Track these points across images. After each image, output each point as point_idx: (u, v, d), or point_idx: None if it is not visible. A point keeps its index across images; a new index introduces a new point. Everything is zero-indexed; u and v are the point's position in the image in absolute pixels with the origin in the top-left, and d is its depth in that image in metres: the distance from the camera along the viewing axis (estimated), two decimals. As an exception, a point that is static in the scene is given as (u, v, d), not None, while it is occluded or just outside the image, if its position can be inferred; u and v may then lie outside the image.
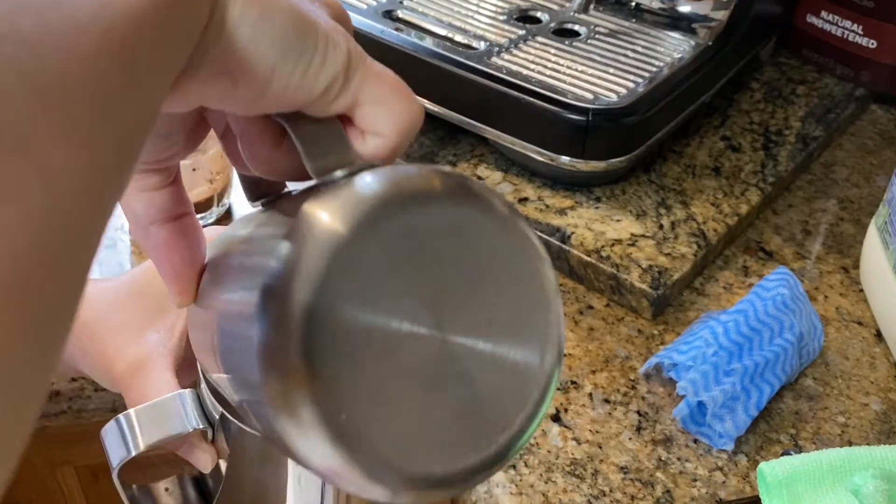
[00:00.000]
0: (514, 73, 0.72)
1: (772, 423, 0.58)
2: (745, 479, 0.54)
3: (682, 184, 0.75)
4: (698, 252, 0.68)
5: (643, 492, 0.53)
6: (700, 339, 0.57)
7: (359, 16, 0.79)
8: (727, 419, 0.54)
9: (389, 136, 0.25)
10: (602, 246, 0.68)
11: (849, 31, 0.88)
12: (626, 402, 0.59)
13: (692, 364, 0.55)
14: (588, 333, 0.64)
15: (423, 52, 0.75)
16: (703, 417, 0.55)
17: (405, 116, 0.25)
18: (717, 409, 0.54)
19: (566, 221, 0.71)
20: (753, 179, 0.76)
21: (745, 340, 0.56)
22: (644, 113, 0.70)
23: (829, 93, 0.89)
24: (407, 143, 0.26)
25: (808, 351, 0.60)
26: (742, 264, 0.71)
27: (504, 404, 0.23)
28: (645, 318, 0.66)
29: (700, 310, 0.66)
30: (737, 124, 0.83)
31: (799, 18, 0.93)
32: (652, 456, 0.56)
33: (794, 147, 0.80)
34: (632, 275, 0.65)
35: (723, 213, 0.72)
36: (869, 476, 0.48)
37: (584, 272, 0.68)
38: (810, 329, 0.60)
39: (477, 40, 0.77)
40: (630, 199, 0.73)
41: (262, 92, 0.23)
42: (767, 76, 0.91)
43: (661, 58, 0.76)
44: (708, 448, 0.56)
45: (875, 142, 0.86)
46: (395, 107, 0.25)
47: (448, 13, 0.81)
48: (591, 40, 0.78)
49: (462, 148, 0.79)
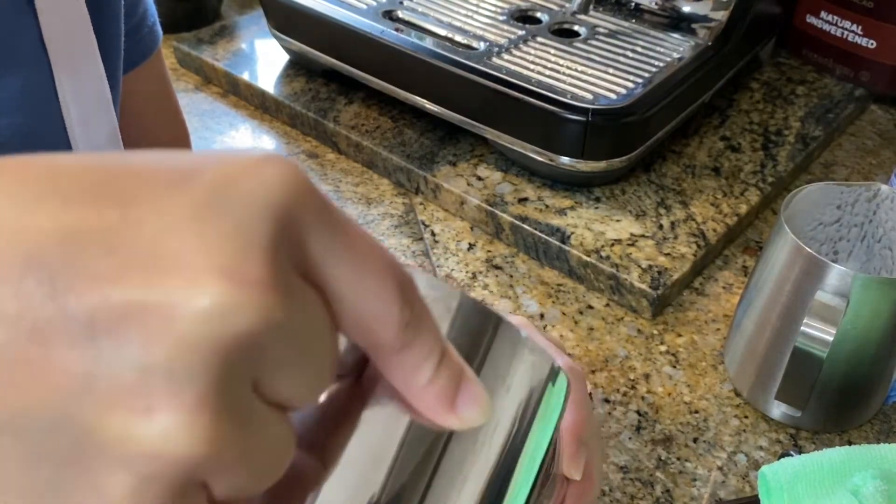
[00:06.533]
0: (513, 73, 0.72)
1: (771, 423, 0.58)
2: (745, 478, 0.54)
3: (682, 184, 0.75)
4: (698, 252, 0.68)
5: (643, 491, 0.53)
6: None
7: (359, 16, 0.79)
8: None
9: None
10: (602, 246, 0.68)
11: (848, 32, 0.88)
12: (625, 401, 0.59)
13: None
14: (588, 333, 0.64)
15: (423, 52, 0.75)
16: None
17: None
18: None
19: (566, 221, 0.71)
20: (753, 179, 0.76)
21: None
22: (644, 113, 0.70)
23: (828, 93, 0.89)
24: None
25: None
26: (742, 264, 0.71)
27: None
28: (644, 318, 0.66)
29: (700, 310, 0.66)
30: (736, 124, 0.83)
31: (798, 18, 0.93)
32: (652, 456, 0.56)
33: (793, 147, 0.80)
34: (631, 275, 0.65)
35: (722, 213, 0.72)
36: (868, 476, 0.48)
37: (583, 272, 0.68)
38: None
39: (477, 40, 0.77)
40: (630, 199, 0.73)
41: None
42: (767, 76, 0.91)
43: (661, 58, 0.76)
44: (707, 448, 0.56)
45: (874, 142, 0.86)
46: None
47: (448, 13, 0.81)
48: (590, 40, 0.79)
49: (462, 148, 0.79)
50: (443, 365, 0.20)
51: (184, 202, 0.17)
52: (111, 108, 0.48)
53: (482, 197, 0.73)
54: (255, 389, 0.17)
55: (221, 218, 0.17)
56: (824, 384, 0.55)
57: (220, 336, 0.16)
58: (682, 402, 0.59)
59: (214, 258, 0.16)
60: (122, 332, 0.16)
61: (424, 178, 0.76)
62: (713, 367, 0.62)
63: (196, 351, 0.16)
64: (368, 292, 0.18)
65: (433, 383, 0.20)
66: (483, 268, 0.70)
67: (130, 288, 0.16)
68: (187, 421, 0.16)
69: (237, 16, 1.02)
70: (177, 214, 0.16)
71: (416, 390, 0.20)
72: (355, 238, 0.18)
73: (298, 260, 0.18)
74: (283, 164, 0.18)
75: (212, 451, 0.16)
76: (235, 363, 0.16)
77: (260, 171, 0.17)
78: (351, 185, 0.79)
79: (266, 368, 0.17)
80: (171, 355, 0.16)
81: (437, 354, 0.20)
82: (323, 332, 0.18)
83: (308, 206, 0.18)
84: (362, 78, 0.81)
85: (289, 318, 0.17)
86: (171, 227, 0.16)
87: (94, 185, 0.17)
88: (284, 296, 0.17)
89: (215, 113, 0.88)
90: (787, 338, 0.54)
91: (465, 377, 0.20)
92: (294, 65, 0.90)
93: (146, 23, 0.55)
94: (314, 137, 0.84)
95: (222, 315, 0.16)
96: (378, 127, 0.81)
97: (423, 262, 0.70)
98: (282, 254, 0.17)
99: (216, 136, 0.85)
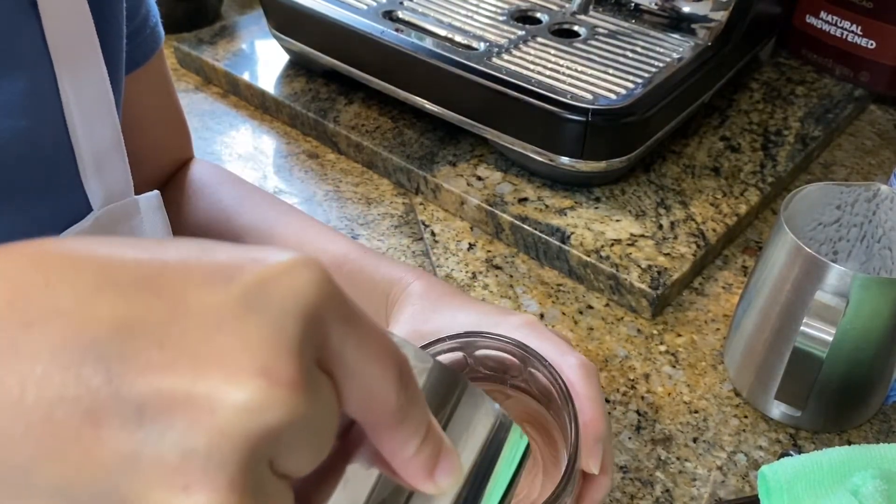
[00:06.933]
0: (513, 73, 0.72)
1: (771, 423, 0.58)
2: (745, 478, 0.54)
3: (682, 184, 0.75)
4: (697, 252, 0.68)
5: (643, 491, 0.54)
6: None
7: (359, 16, 0.79)
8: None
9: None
10: (601, 246, 0.68)
11: (848, 32, 0.89)
12: (625, 401, 0.59)
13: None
14: (588, 333, 0.64)
15: (423, 53, 0.75)
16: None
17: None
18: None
19: (566, 221, 0.71)
20: (752, 179, 0.76)
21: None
22: (643, 113, 0.70)
23: (827, 93, 0.89)
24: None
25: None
26: (741, 264, 0.71)
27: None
28: (644, 317, 0.66)
29: (699, 310, 0.66)
30: (736, 124, 0.83)
31: (798, 19, 0.93)
32: (651, 455, 0.56)
33: (793, 147, 0.80)
34: (631, 275, 0.65)
35: (722, 213, 0.72)
36: (868, 476, 0.48)
37: (583, 272, 0.68)
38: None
39: (477, 41, 0.77)
40: (629, 200, 0.73)
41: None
42: (767, 76, 0.91)
43: (661, 58, 0.76)
44: (707, 448, 0.56)
45: (874, 142, 0.86)
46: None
47: (448, 14, 0.82)
48: (590, 41, 0.79)
49: (462, 148, 0.79)
50: (427, 439, 0.22)
51: (224, 301, 0.19)
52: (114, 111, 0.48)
53: (482, 197, 0.73)
54: (270, 466, 0.19)
55: (259, 318, 0.19)
56: (824, 384, 0.55)
57: (253, 428, 0.18)
58: (681, 402, 0.59)
59: (253, 357, 0.18)
60: (168, 418, 0.18)
61: (424, 178, 0.76)
62: (713, 366, 0.62)
63: (232, 439, 0.18)
64: (374, 379, 0.21)
65: (417, 455, 0.22)
66: (483, 268, 0.70)
67: (178, 379, 0.18)
68: (219, 499, 0.18)
69: (237, 16, 1.02)
70: (219, 312, 0.19)
71: (401, 460, 0.22)
72: (368, 331, 0.21)
73: (319, 352, 0.20)
74: (313, 267, 0.20)
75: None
76: (262, 450, 0.18)
77: (294, 274, 0.20)
78: (351, 185, 0.79)
79: (283, 451, 0.19)
80: (210, 442, 0.18)
81: (423, 430, 0.22)
82: (333, 418, 0.20)
83: (332, 307, 0.20)
84: (362, 78, 0.81)
85: (310, 411, 0.19)
86: (213, 325, 0.19)
87: (143, 279, 0.19)
88: (310, 392, 0.19)
89: (215, 113, 0.88)
90: (786, 338, 0.55)
91: (444, 449, 0.23)
92: (294, 65, 0.90)
93: (148, 23, 0.55)
94: (314, 137, 0.84)
95: (259, 410, 0.18)
96: (378, 127, 0.81)
97: (423, 261, 0.70)
98: (308, 351, 0.19)
99: (216, 137, 0.85)
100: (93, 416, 0.18)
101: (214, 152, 0.83)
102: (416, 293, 0.48)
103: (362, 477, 0.23)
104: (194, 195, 0.61)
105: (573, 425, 0.37)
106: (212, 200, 0.61)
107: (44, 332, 0.18)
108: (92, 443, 0.18)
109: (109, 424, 0.18)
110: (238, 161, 0.82)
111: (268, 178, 0.79)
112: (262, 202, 0.61)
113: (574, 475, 0.37)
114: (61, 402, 0.18)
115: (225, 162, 0.82)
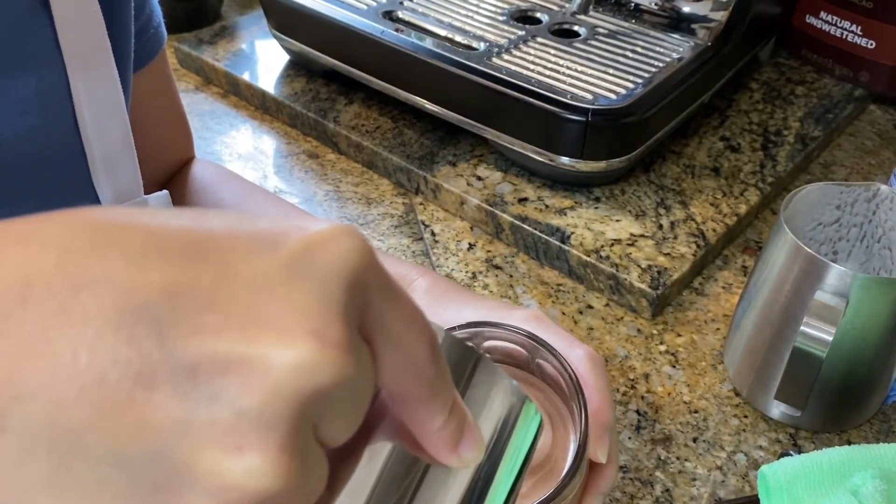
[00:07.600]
0: (513, 73, 0.72)
1: (771, 422, 0.58)
2: (745, 478, 0.54)
3: (682, 184, 0.75)
4: (697, 252, 0.68)
5: (643, 491, 0.54)
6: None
7: (359, 16, 0.79)
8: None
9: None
10: (601, 246, 0.68)
11: (848, 32, 0.89)
12: (625, 401, 0.59)
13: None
14: (587, 333, 0.64)
15: (423, 53, 0.75)
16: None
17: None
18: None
19: (566, 221, 0.71)
20: (752, 179, 0.76)
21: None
22: (643, 113, 0.70)
23: (827, 93, 0.89)
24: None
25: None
26: (741, 264, 0.71)
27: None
28: (644, 317, 0.66)
29: (699, 309, 0.66)
30: (736, 124, 0.83)
31: (798, 19, 0.93)
32: (651, 455, 0.56)
33: (792, 147, 0.80)
34: (631, 275, 0.65)
35: (722, 213, 0.72)
36: (868, 476, 0.48)
37: (583, 272, 0.68)
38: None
39: (477, 41, 0.77)
40: (629, 200, 0.73)
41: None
42: (766, 76, 0.91)
43: (661, 58, 0.76)
44: (707, 447, 0.56)
45: (873, 142, 0.86)
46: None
47: (448, 14, 0.82)
48: (590, 41, 0.79)
49: (462, 148, 0.79)
50: (453, 413, 0.22)
51: (271, 266, 0.19)
52: (124, 110, 0.48)
53: (482, 197, 0.73)
54: (314, 432, 0.20)
55: (306, 283, 0.19)
56: (823, 384, 0.55)
57: (306, 387, 0.18)
58: (681, 402, 0.59)
59: (303, 320, 0.19)
60: (221, 379, 0.18)
61: (424, 178, 0.76)
62: (713, 366, 0.62)
63: (285, 398, 0.18)
64: (412, 348, 0.21)
65: (444, 429, 0.22)
66: (483, 268, 0.70)
67: (230, 342, 0.18)
68: (271, 459, 0.18)
69: (238, 16, 1.02)
70: (266, 277, 0.19)
71: (428, 433, 0.22)
72: (404, 301, 0.21)
73: (360, 319, 0.20)
74: (355, 235, 0.20)
75: (285, 487, 0.18)
76: (310, 411, 0.19)
77: (337, 241, 0.20)
78: (351, 185, 0.79)
79: (326, 415, 0.19)
80: (263, 401, 0.18)
81: (450, 403, 0.22)
82: (371, 385, 0.20)
83: (373, 274, 0.20)
84: (362, 78, 0.81)
85: (356, 374, 0.19)
86: (262, 289, 0.19)
87: (191, 245, 0.19)
88: (356, 356, 0.19)
89: (216, 113, 0.88)
90: (786, 338, 0.55)
91: (467, 424, 0.23)
92: (294, 65, 0.90)
93: (152, 24, 0.55)
94: (314, 137, 0.84)
95: (310, 370, 0.18)
96: (378, 127, 0.81)
97: (424, 262, 0.70)
98: (352, 316, 0.20)
99: (216, 137, 0.85)
100: (146, 378, 0.18)
101: (214, 152, 0.83)
102: (421, 289, 0.48)
103: (378, 452, 0.23)
104: (196, 194, 0.61)
105: (582, 414, 0.37)
106: (214, 199, 0.61)
107: (94, 295, 0.18)
108: (145, 405, 0.18)
109: (162, 387, 0.18)
110: (238, 161, 0.82)
111: (268, 178, 0.79)
112: (264, 201, 0.61)
113: (583, 464, 0.37)
114: (114, 365, 0.17)
115: (225, 162, 0.82)
